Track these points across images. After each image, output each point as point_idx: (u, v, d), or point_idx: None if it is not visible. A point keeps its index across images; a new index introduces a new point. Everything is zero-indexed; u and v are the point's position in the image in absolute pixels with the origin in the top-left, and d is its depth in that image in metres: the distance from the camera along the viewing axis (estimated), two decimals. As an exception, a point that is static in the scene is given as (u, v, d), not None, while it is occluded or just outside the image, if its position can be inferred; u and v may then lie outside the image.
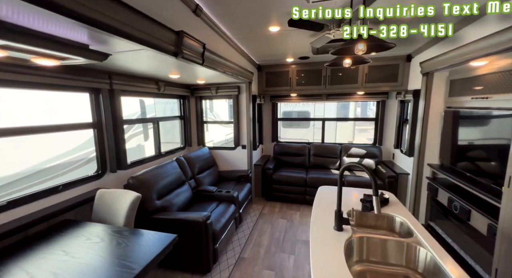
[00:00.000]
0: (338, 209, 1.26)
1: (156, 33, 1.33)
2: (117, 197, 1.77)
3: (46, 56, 1.23)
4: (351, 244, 1.18)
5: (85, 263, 1.24)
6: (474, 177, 2.11)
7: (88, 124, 2.10)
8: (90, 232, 1.55)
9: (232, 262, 2.32)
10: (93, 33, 1.09)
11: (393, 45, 1.23)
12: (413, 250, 1.12)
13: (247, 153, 3.56)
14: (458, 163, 2.42)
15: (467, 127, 2.39)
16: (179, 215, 2.13)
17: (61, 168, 2.72)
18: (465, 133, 2.40)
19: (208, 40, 1.91)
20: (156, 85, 2.73)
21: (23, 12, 0.84)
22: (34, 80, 1.58)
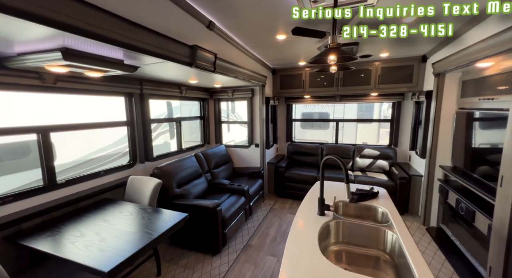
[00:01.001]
0: (320, 196, 1.44)
1: (174, 49, 1.66)
2: (143, 182, 2.16)
3: (95, 70, 1.63)
4: (329, 227, 1.36)
5: (119, 229, 1.60)
6: (484, 181, 2.07)
7: (123, 122, 2.55)
8: (123, 208, 1.95)
9: (240, 247, 2.59)
10: (126, 52, 1.45)
11: (356, 58, 1.36)
12: (383, 233, 1.26)
13: (260, 151, 3.81)
14: (472, 166, 2.37)
15: (481, 129, 2.34)
16: (194, 202, 2.46)
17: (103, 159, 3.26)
18: (479, 135, 2.34)
19: (221, 50, 2.21)
20: (179, 89, 3.13)
21: (82, 42, 1.21)
22: (85, 87, 2.03)
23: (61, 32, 1.02)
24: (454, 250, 2.39)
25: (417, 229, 2.91)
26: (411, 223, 3.03)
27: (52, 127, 1.88)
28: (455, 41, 2.38)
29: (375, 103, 8.22)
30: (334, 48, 1.34)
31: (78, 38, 1.12)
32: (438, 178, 2.78)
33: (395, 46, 2.83)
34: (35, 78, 1.68)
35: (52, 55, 1.24)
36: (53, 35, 1.11)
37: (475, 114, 2.33)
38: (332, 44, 1.37)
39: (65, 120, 2.04)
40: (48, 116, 1.98)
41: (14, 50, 1.36)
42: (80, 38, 1.09)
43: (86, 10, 1.06)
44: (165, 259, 2.37)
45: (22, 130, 1.75)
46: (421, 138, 3.12)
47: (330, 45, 1.38)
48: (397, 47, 2.88)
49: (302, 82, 3.99)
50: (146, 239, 1.46)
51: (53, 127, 1.89)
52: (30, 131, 1.79)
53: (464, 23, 2.06)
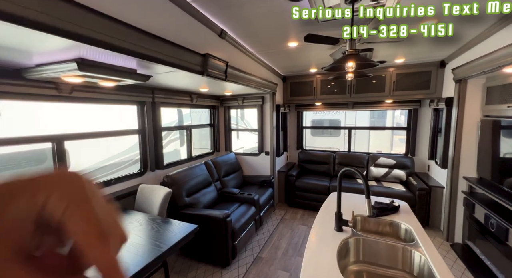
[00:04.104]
0: (338, 210, 1.35)
1: (186, 58, 1.65)
2: (153, 191, 2.13)
3: (108, 80, 1.64)
4: (348, 244, 1.26)
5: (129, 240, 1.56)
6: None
7: (135, 130, 2.57)
8: (133, 218, 1.92)
9: (250, 260, 2.49)
10: (140, 62, 1.45)
11: (377, 64, 1.29)
12: (409, 254, 1.15)
13: (270, 159, 3.74)
14: (500, 178, 2.19)
15: (510, 138, 2.17)
16: (203, 211, 2.41)
17: (114, 166, 3.29)
18: (508, 145, 2.17)
19: (232, 58, 2.20)
20: (189, 97, 3.14)
21: (96, 52, 1.21)
22: (98, 96, 2.06)
23: (77, 43, 1.03)
24: (484, 269, 2.19)
25: (440, 244, 2.70)
26: (433, 238, 2.83)
27: (66, 136, 1.91)
28: (477, 46, 2.26)
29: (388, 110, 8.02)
30: (353, 55, 1.28)
31: (93, 49, 1.13)
32: (462, 190, 2.60)
33: (411, 51, 2.74)
34: (52, 88, 1.72)
35: (68, 65, 1.26)
36: (69, 46, 1.12)
37: (503, 123, 2.17)
38: (350, 50, 1.31)
39: (79, 129, 2.07)
40: (63, 125, 2.01)
41: (33, 61, 1.39)
42: (94, 48, 1.09)
43: (101, 21, 1.06)
44: (174, 270, 2.31)
45: (38, 139, 1.78)
46: (442, 147, 2.96)
47: (348, 51, 1.32)
48: (414, 52, 2.78)
49: (313, 89, 3.93)
50: (155, 252, 1.41)
51: (67, 136, 1.92)
52: (45, 140, 1.82)
53: (489, 26, 1.97)
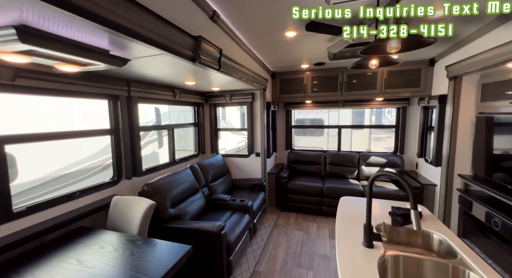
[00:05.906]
0: (367, 223, 1.14)
1: (175, 38, 1.32)
2: (131, 204, 1.74)
3: (69, 63, 1.24)
4: (385, 263, 1.05)
5: (97, 274, 1.18)
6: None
7: (106, 131, 2.12)
8: (104, 240, 1.51)
9: (247, 276, 2.20)
10: (114, 38, 1.09)
11: (434, 40, 1.15)
12: (461, 275, 0.97)
13: (261, 161, 3.48)
14: (495, 174, 2.19)
15: (505, 134, 2.18)
16: (193, 224, 2.06)
17: (79, 174, 2.76)
18: (503, 142, 2.18)
19: (224, 46, 1.90)
20: (172, 92, 2.75)
21: (46, 17, 0.84)
22: (57, 87, 1.61)
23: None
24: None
25: (437, 243, 2.68)
26: (429, 237, 2.81)
27: (7, 138, 1.43)
28: (471, 43, 2.25)
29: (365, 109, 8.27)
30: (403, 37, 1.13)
31: (43, 9, 0.76)
32: (457, 188, 2.60)
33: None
34: (-16, 73, 1.26)
35: (3, 33, 0.86)
36: (3, 2, 0.74)
37: (499, 119, 2.18)
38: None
39: (29, 129, 1.60)
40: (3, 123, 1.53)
41: None
42: (44, 7, 0.72)
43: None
44: (157, 297, 1.93)
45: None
46: (434, 145, 2.96)
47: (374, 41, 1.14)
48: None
49: (304, 87, 3.76)
50: (138, 291, 1.07)
51: (9, 137, 1.44)
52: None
53: (484, 25, 1.96)
